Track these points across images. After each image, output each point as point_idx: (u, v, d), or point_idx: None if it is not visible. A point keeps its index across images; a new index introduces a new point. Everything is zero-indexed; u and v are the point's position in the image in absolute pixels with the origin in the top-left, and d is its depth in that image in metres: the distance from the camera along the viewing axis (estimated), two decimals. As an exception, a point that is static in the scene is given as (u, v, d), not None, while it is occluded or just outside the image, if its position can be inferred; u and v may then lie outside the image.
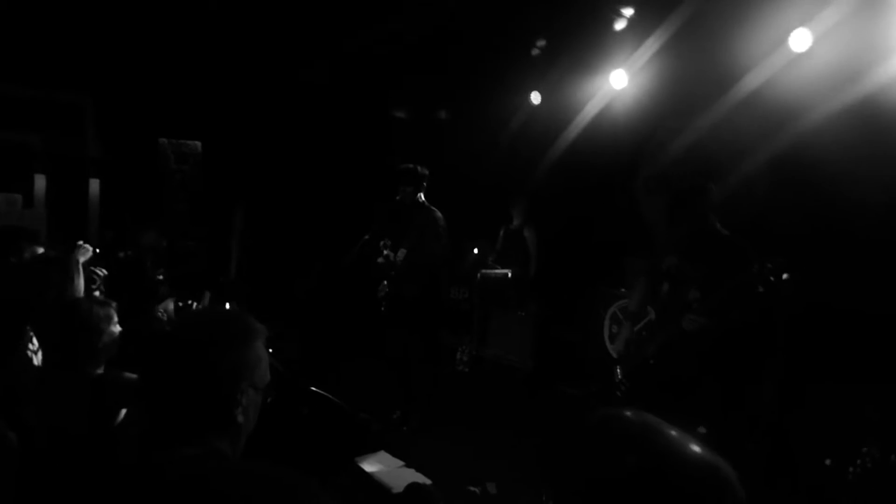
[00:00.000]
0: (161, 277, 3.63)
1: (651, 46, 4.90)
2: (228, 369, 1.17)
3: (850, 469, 2.91)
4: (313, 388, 3.32)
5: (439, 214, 4.26)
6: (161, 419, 1.16)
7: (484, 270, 5.97)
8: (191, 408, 1.14)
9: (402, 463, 3.58)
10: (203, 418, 1.15)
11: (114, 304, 2.37)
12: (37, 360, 2.64)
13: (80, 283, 2.83)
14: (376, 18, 4.98)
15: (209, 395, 1.15)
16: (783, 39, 4.11)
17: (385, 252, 4.34)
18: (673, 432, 0.82)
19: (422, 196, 4.30)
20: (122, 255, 4.28)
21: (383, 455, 3.63)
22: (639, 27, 4.95)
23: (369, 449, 3.61)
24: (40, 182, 6.12)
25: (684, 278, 3.23)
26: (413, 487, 1.88)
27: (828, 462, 3.18)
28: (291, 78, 6.18)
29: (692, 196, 3.21)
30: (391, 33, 5.08)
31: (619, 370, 3.45)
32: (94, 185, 6.29)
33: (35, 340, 2.63)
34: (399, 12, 4.92)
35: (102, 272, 2.96)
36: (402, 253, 4.28)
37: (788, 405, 3.78)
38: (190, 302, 3.88)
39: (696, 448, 0.81)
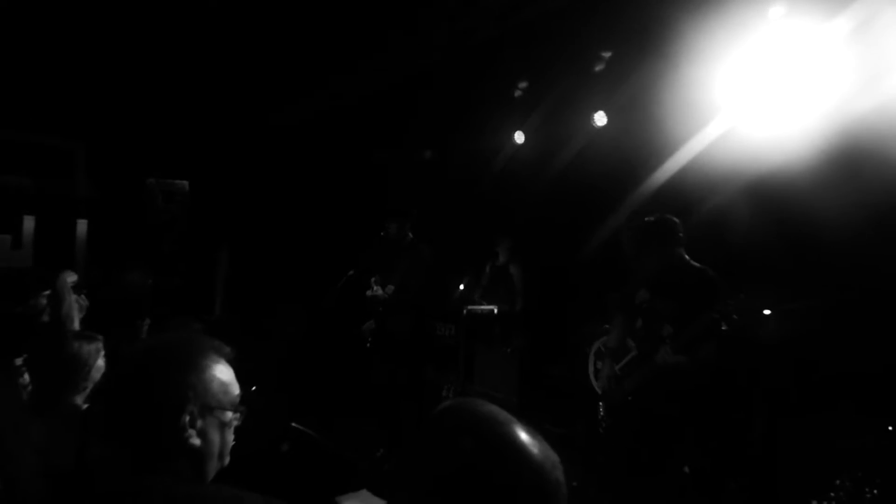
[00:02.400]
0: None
1: (630, 87, 5.06)
2: (169, 395, 1.15)
3: (832, 494, 2.90)
4: (294, 424, 3.29)
5: (428, 252, 4.31)
6: (120, 448, 1.15)
7: (470, 306, 5.98)
8: (143, 436, 1.14)
9: (384, 502, 3.51)
10: (157, 445, 1.15)
11: (100, 338, 2.40)
12: (26, 395, 2.62)
13: (73, 301, 2.85)
14: (362, 60, 5.13)
15: (155, 422, 1.14)
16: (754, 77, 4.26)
17: (375, 287, 4.37)
18: (517, 427, 0.86)
19: (410, 233, 4.37)
20: (109, 293, 4.29)
21: (365, 494, 3.57)
22: (618, 69, 5.12)
23: (351, 487, 3.55)
24: (29, 223, 6.15)
25: (656, 314, 3.25)
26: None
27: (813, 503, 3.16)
28: (277, 119, 6.32)
29: (658, 230, 3.23)
30: (378, 74, 5.23)
31: (601, 407, 3.44)
32: (82, 225, 6.33)
33: (26, 376, 2.63)
34: (385, 54, 5.08)
35: (85, 302, 2.98)
36: (390, 289, 4.32)
37: (771, 441, 3.78)
38: None
39: (526, 435, 0.84)
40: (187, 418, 1.16)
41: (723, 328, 2.88)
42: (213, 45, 5.10)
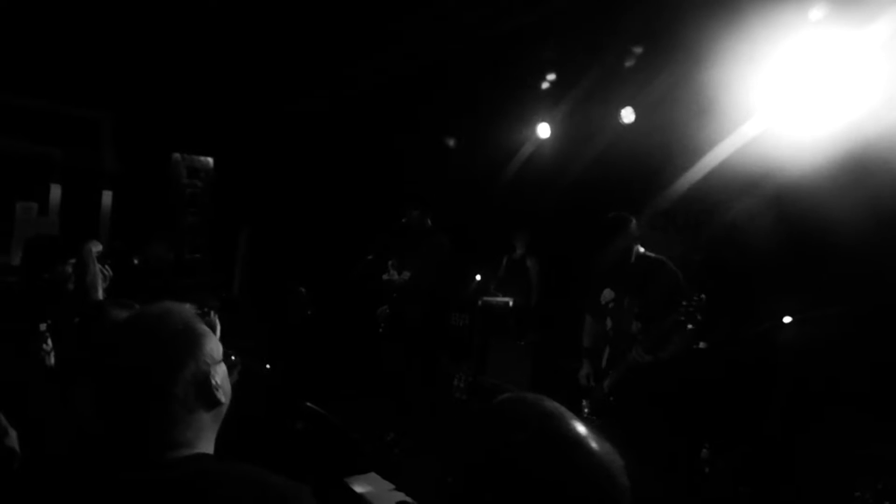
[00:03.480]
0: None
1: (660, 84, 4.99)
2: (197, 369, 1.17)
3: None
4: (308, 404, 3.33)
5: (446, 239, 4.32)
6: (150, 423, 1.15)
7: (485, 298, 5.98)
8: (176, 411, 1.14)
9: (392, 486, 3.54)
10: (190, 413, 1.15)
11: (136, 306, 2.43)
12: (50, 360, 2.67)
13: (97, 270, 2.91)
14: (389, 45, 5.11)
15: (190, 396, 1.15)
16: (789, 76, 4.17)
17: (391, 272, 4.39)
18: (576, 423, 0.83)
19: (429, 220, 4.37)
20: (136, 261, 4.35)
21: (374, 477, 3.60)
22: (648, 65, 5.05)
23: (360, 469, 3.58)
24: (56, 192, 6.26)
25: (623, 312, 3.25)
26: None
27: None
28: (302, 101, 6.33)
29: (614, 229, 3.25)
30: (403, 59, 5.21)
31: (585, 406, 3.43)
32: (107, 196, 6.42)
33: (49, 341, 2.68)
34: (412, 39, 5.06)
35: (109, 271, 3.04)
36: (406, 274, 4.34)
37: (788, 447, 3.74)
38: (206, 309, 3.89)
39: (593, 442, 0.81)
40: (214, 381, 1.19)
41: (689, 328, 2.88)
42: (243, 23, 5.12)
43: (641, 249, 3.27)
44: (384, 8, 4.76)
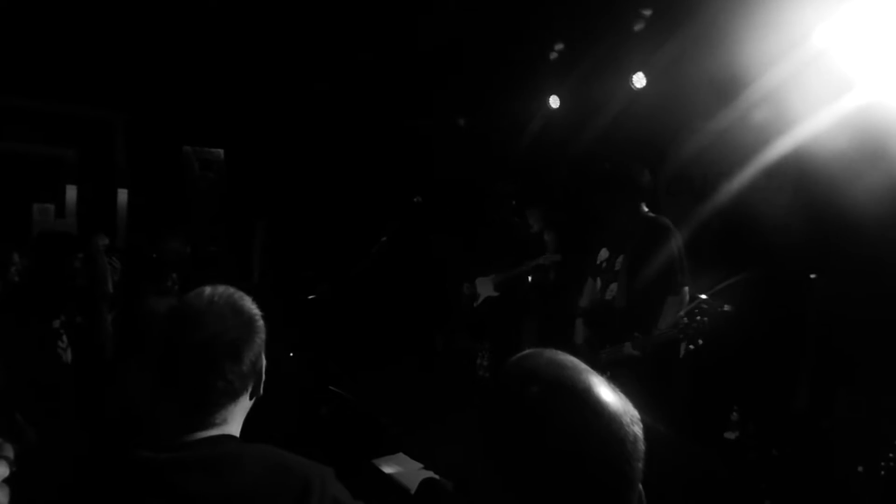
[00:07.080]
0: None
1: (671, 47, 4.87)
2: (254, 356, 1.20)
3: (882, 463, 2.82)
4: (332, 388, 3.35)
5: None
6: (181, 403, 1.16)
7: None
8: (220, 392, 1.16)
9: (420, 465, 3.57)
10: (232, 398, 1.18)
11: (176, 292, 2.47)
12: (66, 357, 2.71)
13: (105, 264, 2.94)
14: (397, 25, 5.04)
15: (244, 381, 1.18)
16: (803, 39, 4.05)
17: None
18: (590, 374, 0.80)
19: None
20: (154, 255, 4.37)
21: (402, 457, 3.63)
22: (658, 28, 4.92)
23: (387, 451, 3.61)
24: (71, 192, 6.32)
25: (609, 273, 3.13)
26: (427, 482, 1.89)
27: (860, 469, 3.09)
28: (311, 87, 6.30)
29: (615, 182, 3.06)
30: (409, 39, 5.14)
31: None
32: (122, 194, 6.47)
33: (65, 338, 2.71)
34: (417, 19, 4.98)
35: (118, 264, 3.06)
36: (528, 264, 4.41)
37: (819, 411, 3.69)
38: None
39: (606, 391, 0.78)
40: (261, 368, 1.23)
41: (689, 347, 2.74)
42: (249, 13, 5.08)
43: (644, 208, 3.10)
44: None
